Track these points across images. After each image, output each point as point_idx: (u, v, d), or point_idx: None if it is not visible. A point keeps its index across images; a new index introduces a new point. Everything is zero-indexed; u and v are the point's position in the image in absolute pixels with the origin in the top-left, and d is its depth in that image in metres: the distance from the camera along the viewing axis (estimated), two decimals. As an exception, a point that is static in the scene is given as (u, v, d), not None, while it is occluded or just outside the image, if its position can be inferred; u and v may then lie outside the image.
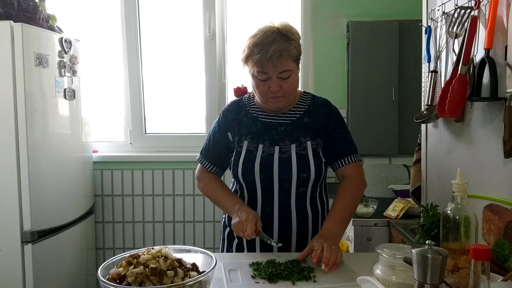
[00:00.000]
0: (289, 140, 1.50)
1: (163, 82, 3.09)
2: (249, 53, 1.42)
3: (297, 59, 1.46)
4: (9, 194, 2.19)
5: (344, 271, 1.28)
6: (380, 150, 2.91)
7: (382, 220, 2.29)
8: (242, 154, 1.51)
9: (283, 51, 1.38)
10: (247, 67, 1.47)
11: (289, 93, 1.46)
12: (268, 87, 1.42)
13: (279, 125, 1.52)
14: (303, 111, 1.54)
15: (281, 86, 1.42)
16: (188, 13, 3.04)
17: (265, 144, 1.50)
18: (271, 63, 1.38)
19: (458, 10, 1.36)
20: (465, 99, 1.29)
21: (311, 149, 1.49)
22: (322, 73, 2.96)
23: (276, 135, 1.51)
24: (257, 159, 1.48)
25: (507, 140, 1.12)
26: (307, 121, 1.53)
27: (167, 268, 0.99)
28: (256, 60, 1.39)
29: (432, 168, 1.66)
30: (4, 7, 2.21)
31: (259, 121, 1.54)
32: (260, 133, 1.52)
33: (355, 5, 2.91)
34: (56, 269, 2.43)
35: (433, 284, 0.83)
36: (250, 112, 1.57)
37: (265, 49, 1.37)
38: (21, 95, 2.17)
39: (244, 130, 1.54)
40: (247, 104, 1.59)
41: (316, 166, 1.49)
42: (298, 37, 1.46)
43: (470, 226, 1.01)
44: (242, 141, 1.53)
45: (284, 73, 1.41)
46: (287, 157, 1.48)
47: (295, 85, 1.48)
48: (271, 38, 1.39)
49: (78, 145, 2.69)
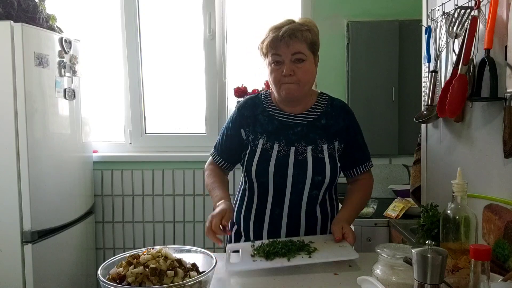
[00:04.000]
0: (305, 141, 1.48)
1: (163, 82, 3.09)
2: (265, 37, 1.45)
3: (313, 48, 1.46)
4: (9, 194, 2.19)
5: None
6: (380, 150, 2.91)
7: (382, 220, 2.29)
8: (257, 153, 1.48)
9: (296, 31, 1.40)
10: (263, 56, 1.48)
11: (303, 81, 1.44)
12: (281, 71, 1.42)
13: (296, 125, 1.50)
14: (321, 112, 1.53)
15: (294, 71, 1.41)
16: (188, 13, 3.03)
17: (281, 144, 1.48)
18: (283, 43, 1.39)
19: (458, 10, 1.36)
20: (465, 99, 1.29)
21: (327, 153, 1.47)
22: (322, 73, 2.93)
23: (292, 135, 1.49)
24: (272, 159, 1.46)
25: (507, 140, 1.12)
26: (324, 123, 1.51)
27: (167, 268, 0.99)
28: (270, 40, 1.41)
29: (432, 168, 1.66)
30: (4, 7, 2.21)
31: (275, 119, 1.52)
32: (276, 132, 1.50)
33: (355, 5, 2.91)
34: (56, 269, 2.43)
35: (433, 284, 0.83)
36: (267, 109, 1.54)
37: (278, 30, 1.40)
38: (21, 95, 2.17)
39: (260, 128, 1.51)
40: (264, 101, 1.57)
41: (332, 170, 1.47)
42: (315, 27, 1.47)
43: (470, 226, 1.01)
44: (258, 139, 1.50)
45: (297, 55, 1.41)
46: (303, 159, 1.46)
47: (310, 74, 1.46)
48: (287, 22, 1.43)
49: (78, 145, 2.69)
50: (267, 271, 1.26)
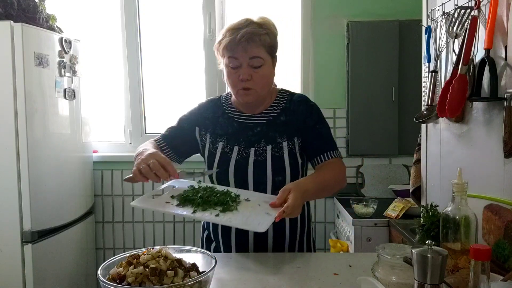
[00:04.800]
0: (265, 141, 1.44)
1: (163, 82, 3.09)
2: (221, 38, 1.39)
3: (271, 51, 1.42)
4: (9, 194, 2.19)
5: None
6: (380, 150, 2.91)
7: (382, 220, 2.29)
8: (216, 156, 1.46)
9: (254, 34, 1.35)
10: (220, 57, 1.43)
11: (260, 86, 1.40)
12: (238, 75, 1.37)
13: (255, 125, 1.47)
14: (280, 109, 1.48)
15: (252, 76, 1.37)
16: (188, 13, 3.04)
17: (241, 146, 1.45)
18: (241, 46, 1.34)
19: (458, 10, 1.36)
20: (465, 99, 1.29)
21: (287, 150, 1.43)
22: (322, 73, 2.96)
23: (252, 137, 1.46)
24: (232, 162, 1.43)
25: (507, 140, 1.12)
26: (284, 119, 1.47)
27: (167, 268, 0.99)
28: (226, 43, 1.36)
29: (432, 168, 1.66)
30: (4, 7, 2.21)
31: (235, 121, 1.49)
32: (236, 135, 1.47)
33: (355, 5, 2.91)
34: (56, 269, 2.43)
35: (433, 284, 0.83)
36: (227, 112, 1.52)
37: (236, 33, 1.35)
38: (21, 95, 2.17)
39: (220, 130, 1.49)
40: (224, 103, 1.55)
41: (292, 169, 1.43)
42: (274, 29, 1.43)
43: (470, 226, 1.01)
44: (217, 142, 1.48)
45: (255, 60, 1.37)
46: (262, 160, 1.42)
47: (267, 79, 1.42)
48: (244, 24, 1.38)
49: (78, 145, 2.69)
50: (266, 267, 1.26)
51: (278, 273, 1.25)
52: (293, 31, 2.99)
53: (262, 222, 1.17)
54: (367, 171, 2.92)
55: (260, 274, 1.25)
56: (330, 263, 1.31)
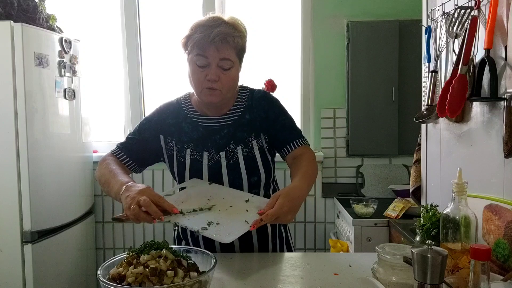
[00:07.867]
0: (234, 143, 1.41)
1: (163, 82, 3.09)
2: (191, 34, 1.34)
3: (240, 54, 1.38)
4: (9, 194, 2.19)
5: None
6: (380, 150, 2.91)
7: (382, 220, 2.29)
8: (187, 165, 1.41)
9: (228, 35, 1.30)
10: (186, 52, 1.38)
11: (227, 88, 1.35)
12: (205, 75, 1.33)
13: (221, 128, 1.42)
14: (243, 107, 1.45)
15: (219, 77, 1.32)
16: (188, 13, 3.04)
17: (210, 151, 1.40)
18: (213, 45, 1.30)
19: (458, 10, 1.36)
20: (465, 99, 1.29)
21: (257, 149, 1.41)
22: (322, 73, 2.96)
23: (220, 140, 1.41)
24: (204, 169, 1.40)
25: (507, 140, 1.12)
26: (249, 118, 1.43)
27: (167, 268, 0.99)
28: (197, 40, 1.31)
29: (432, 168, 1.66)
30: (4, 7, 2.21)
31: (199, 126, 1.43)
32: (203, 140, 1.42)
33: (355, 5, 2.91)
34: (56, 269, 2.43)
35: (433, 284, 0.83)
36: (189, 116, 1.45)
37: (209, 30, 1.30)
38: (21, 95, 2.17)
39: (185, 137, 1.43)
40: (185, 107, 1.48)
41: (265, 167, 1.42)
42: (245, 31, 1.40)
43: (470, 226, 1.01)
44: (185, 149, 1.42)
45: (225, 61, 1.32)
46: (235, 162, 1.40)
47: (234, 82, 1.38)
48: (217, 23, 1.32)
49: (78, 145, 2.69)
50: (266, 267, 1.26)
51: (278, 273, 1.25)
52: (293, 31, 2.99)
53: (232, 232, 1.14)
54: (367, 171, 2.92)
55: (260, 274, 1.25)
56: (330, 263, 1.31)
